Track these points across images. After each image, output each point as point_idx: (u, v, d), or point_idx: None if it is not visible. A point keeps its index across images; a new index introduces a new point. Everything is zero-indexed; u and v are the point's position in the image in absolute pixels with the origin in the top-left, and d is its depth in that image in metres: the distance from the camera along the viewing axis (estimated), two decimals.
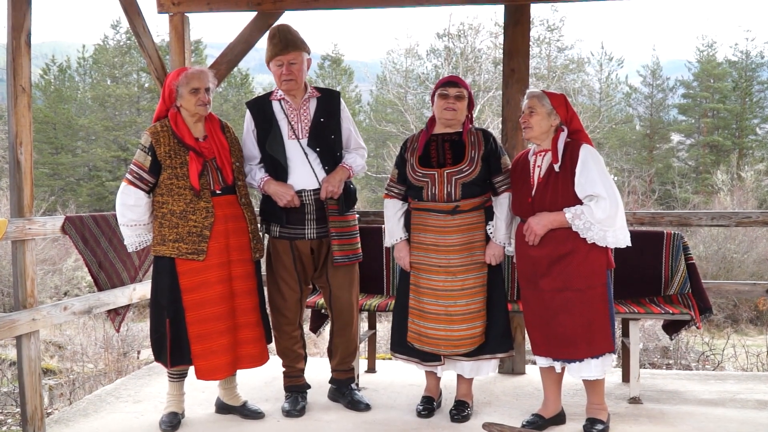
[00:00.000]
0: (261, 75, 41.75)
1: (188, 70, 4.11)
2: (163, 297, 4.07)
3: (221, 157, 4.11)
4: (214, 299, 4.05)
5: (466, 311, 4.09)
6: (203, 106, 4.05)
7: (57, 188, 31.82)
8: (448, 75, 4.38)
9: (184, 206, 4.00)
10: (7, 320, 3.89)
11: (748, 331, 15.11)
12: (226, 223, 4.09)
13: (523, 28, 5.25)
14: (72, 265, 16.83)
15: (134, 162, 4.04)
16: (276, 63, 4.25)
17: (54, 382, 8.55)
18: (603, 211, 3.75)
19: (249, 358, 4.21)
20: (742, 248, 18.10)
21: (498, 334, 4.18)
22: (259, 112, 4.37)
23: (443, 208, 4.08)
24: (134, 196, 4.02)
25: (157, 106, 4.18)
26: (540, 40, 29.58)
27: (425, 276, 4.15)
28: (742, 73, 39.10)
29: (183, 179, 4.00)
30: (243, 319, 4.16)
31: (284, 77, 4.24)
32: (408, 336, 4.22)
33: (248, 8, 5.60)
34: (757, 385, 5.05)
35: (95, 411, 4.60)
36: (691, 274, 4.81)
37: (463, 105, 4.15)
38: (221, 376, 4.17)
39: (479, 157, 4.09)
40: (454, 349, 4.11)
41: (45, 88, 36.71)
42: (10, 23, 3.96)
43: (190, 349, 4.06)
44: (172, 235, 4.01)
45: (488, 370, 4.29)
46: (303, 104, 4.35)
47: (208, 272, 4.04)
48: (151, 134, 4.03)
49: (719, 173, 27.41)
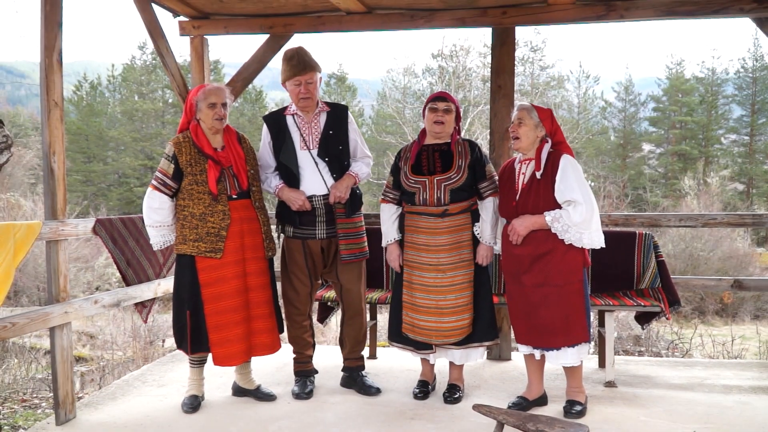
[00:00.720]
0: (273, 91, 41.81)
1: (207, 86, 4.12)
2: (184, 291, 4.09)
3: (237, 165, 4.12)
4: (230, 293, 4.06)
5: (454, 305, 4.09)
6: (219, 120, 4.06)
7: (89, 193, 31.89)
8: (438, 91, 4.39)
9: (204, 209, 4.02)
10: (41, 313, 3.88)
11: (714, 322, 15.10)
12: (241, 224, 4.10)
13: (508, 49, 5.25)
14: (103, 263, 16.82)
15: (159, 169, 4.08)
16: (294, 83, 4.24)
17: (85, 368, 8.53)
18: (580, 215, 3.75)
19: (262, 346, 4.21)
20: (708, 247, 18.12)
21: (485, 324, 4.18)
22: (274, 126, 4.38)
23: (434, 212, 4.08)
24: (158, 200, 4.05)
25: (181, 119, 4.22)
26: (524, 60, 29.59)
27: (417, 273, 4.15)
28: (708, 88, 39.21)
29: (202, 185, 4.02)
30: (256, 311, 4.17)
31: (302, 95, 4.24)
32: (403, 327, 4.23)
33: (261, 31, 5.61)
34: (723, 371, 5.03)
35: (123, 395, 4.60)
36: (661, 270, 4.80)
37: (450, 118, 4.15)
38: (236, 363, 4.17)
39: (466, 165, 4.10)
40: (445, 339, 4.12)
41: (78, 103, 36.78)
42: (43, 43, 3.95)
43: (209, 338, 4.07)
44: (193, 235, 4.03)
45: (476, 357, 4.28)
46: (314, 118, 4.35)
47: (224, 269, 4.06)
48: (174, 144, 4.06)
49: (687, 179, 27.43)
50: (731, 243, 18.92)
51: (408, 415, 4.06)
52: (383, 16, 5.36)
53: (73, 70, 39.35)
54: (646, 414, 4.04)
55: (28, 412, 5.82)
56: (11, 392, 6.59)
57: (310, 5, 5.29)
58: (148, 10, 5.25)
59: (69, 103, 35.36)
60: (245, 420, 4.03)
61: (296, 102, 4.30)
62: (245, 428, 3.91)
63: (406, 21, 5.32)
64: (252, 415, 4.11)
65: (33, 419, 5.50)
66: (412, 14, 5.30)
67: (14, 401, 6.28)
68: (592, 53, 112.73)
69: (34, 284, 15.30)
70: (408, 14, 5.30)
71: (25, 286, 15.05)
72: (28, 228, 3.63)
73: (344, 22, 5.43)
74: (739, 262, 18.31)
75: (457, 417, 4.01)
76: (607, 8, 4.97)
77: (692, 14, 4.93)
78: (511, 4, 5.08)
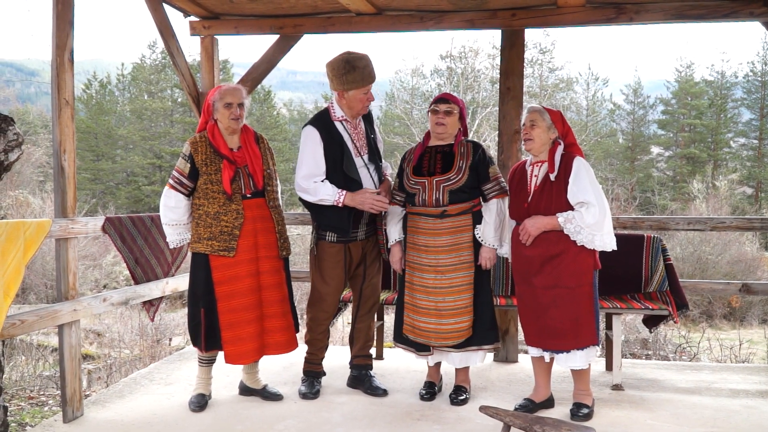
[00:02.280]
0: (282, 91, 41.87)
1: (223, 86, 4.15)
2: (199, 289, 4.12)
3: (253, 165, 4.14)
4: (243, 291, 4.08)
5: (454, 307, 4.09)
6: (235, 120, 4.08)
7: (98, 192, 31.98)
8: (441, 93, 4.39)
9: (218, 208, 4.04)
10: (51, 311, 3.90)
11: (722, 326, 15.05)
12: (254, 223, 4.12)
13: (518, 51, 5.25)
14: (111, 261, 16.88)
15: (176, 169, 4.11)
16: (363, 91, 4.19)
17: (92, 366, 8.56)
18: (592, 217, 3.75)
19: (276, 345, 4.21)
20: (716, 250, 18.05)
21: (485, 327, 4.17)
22: (327, 133, 4.23)
23: (432, 212, 4.09)
24: (174, 199, 4.08)
25: (200, 119, 4.26)
26: (533, 62, 29.52)
27: (418, 274, 4.16)
28: (718, 92, 39.05)
29: (217, 184, 4.04)
30: (270, 309, 4.18)
31: (367, 103, 4.26)
32: (403, 328, 4.24)
33: (271, 32, 5.63)
34: (730, 375, 5.01)
35: (130, 392, 4.61)
36: (669, 273, 4.79)
37: (452, 119, 4.14)
38: (248, 361, 4.18)
39: (467, 167, 4.09)
40: (444, 341, 4.12)
41: (87, 102, 36.88)
42: (54, 42, 3.97)
43: (221, 336, 4.09)
44: (207, 234, 4.06)
45: (476, 360, 4.26)
46: (358, 124, 4.35)
47: (238, 267, 4.08)
48: (191, 144, 4.10)
49: (695, 182, 27.32)
50: (739, 247, 18.85)
51: (414, 416, 4.07)
52: (393, 18, 5.37)
53: (83, 68, 39.46)
54: (653, 417, 4.03)
55: (35, 410, 5.85)
56: (18, 389, 6.62)
57: (320, 6, 5.31)
58: (160, 10, 5.28)
59: (78, 101, 35.46)
60: (252, 419, 4.04)
61: (359, 109, 4.25)
62: (252, 427, 3.92)
63: (415, 22, 5.32)
64: (258, 414, 4.12)
65: (40, 416, 5.52)
66: (422, 16, 5.30)
67: (21, 398, 6.31)
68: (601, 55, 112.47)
69: (41, 282, 15.36)
70: (417, 16, 5.31)
71: (32, 283, 15.11)
72: (38, 226, 3.65)
73: (354, 23, 5.44)
74: (748, 266, 18.24)
75: (463, 418, 4.01)
76: (617, 11, 4.96)
77: (702, 18, 4.92)
78: (520, 6, 5.08)
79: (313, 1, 5.18)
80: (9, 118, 3.82)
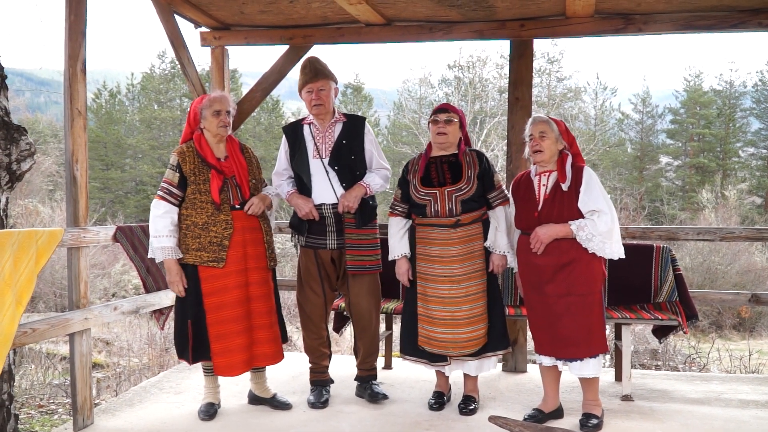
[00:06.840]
0: (290, 101, 41.94)
1: (211, 95, 4.18)
2: (187, 301, 4.09)
3: (240, 175, 4.14)
4: (232, 302, 4.07)
5: (469, 315, 4.09)
6: (224, 127, 4.10)
7: (107, 200, 32.09)
8: (440, 103, 4.43)
9: (206, 218, 4.04)
10: (62, 319, 3.92)
11: (732, 336, 14.97)
12: (243, 234, 4.11)
13: (526, 61, 5.27)
14: (119, 269, 16.93)
15: (164, 180, 4.08)
16: (307, 90, 4.33)
17: (102, 375, 8.58)
18: (605, 224, 3.78)
19: (263, 356, 4.21)
20: (725, 261, 17.98)
21: (498, 333, 4.19)
22: (291, 135, 4.47)
23: (446, 223, 4.09)
24: (164, 208, 4.04)
25: (184, 129, 4.23)
26: (541, 71, 29.50)
27: (432, 285, 4.15)
28: (726, 101, 38.96)
29: (205, 194, 4.04)
30: (258, 321, 4.17)
31: (314, 102, 4.32)
32: (419, 340, 4.22)
33: (281, 42, 5.66)
34: (740, 386, 4.99)
35: (140, 401, 4.63)
36: (679, 283, 4.78)
37: (453, 128, 4.16)
38: (237, 373, 4.14)
39: (475, 176, 4.12)
40: (461, 351, 4.12)
41: (97, 111, 37.09)
42: (67, 53, 4.01)
43: (210, 348, 4.07)
44: (195, 245, 4.04)
45: (490, 366, 4.28)
46: (329, 128, 4.39)
47: (227, 278, 4.06)
48: (178, 154, 4.09)
49: (704, 192, 27.21)
50: (749, 257, 18.77)
51: (423, 426, 4.07)
52: (402, 28, 5.40)
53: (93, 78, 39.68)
54: (662, 428, 4.02)
55: (44, 418, 5.88)
56: (28, 397, 6.65)
57: (329, 17, 5.34)
58: (171, 21, 5.32)
59: (88, 110, 35.55)
60: (261, 428, 4.05)
61: (309, 109, 4.39)
62: None
63: (425, 33, 5.35)
64: (267, 423, 4.12)
65: (50, 425, 5.55)
66: (431, 26, 5.33)
67: (31, 407, 6.34)
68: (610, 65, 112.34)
69: (51, 290, 15.40)
70: (427, 26, 5.34)
71: (42, 292, 15.16)
72: (50, 235, 3.68)
73: (363, 34, 5.47)
74: (757, 277, 18.16)
75: (472, 428, 4.00)
76: (626, 21, 4.98)
77: (711, 28, 4.93)
78: (529, 16, 5.10)
79: (323, 12, 5.21)
80: (21, 128, 3.87)
